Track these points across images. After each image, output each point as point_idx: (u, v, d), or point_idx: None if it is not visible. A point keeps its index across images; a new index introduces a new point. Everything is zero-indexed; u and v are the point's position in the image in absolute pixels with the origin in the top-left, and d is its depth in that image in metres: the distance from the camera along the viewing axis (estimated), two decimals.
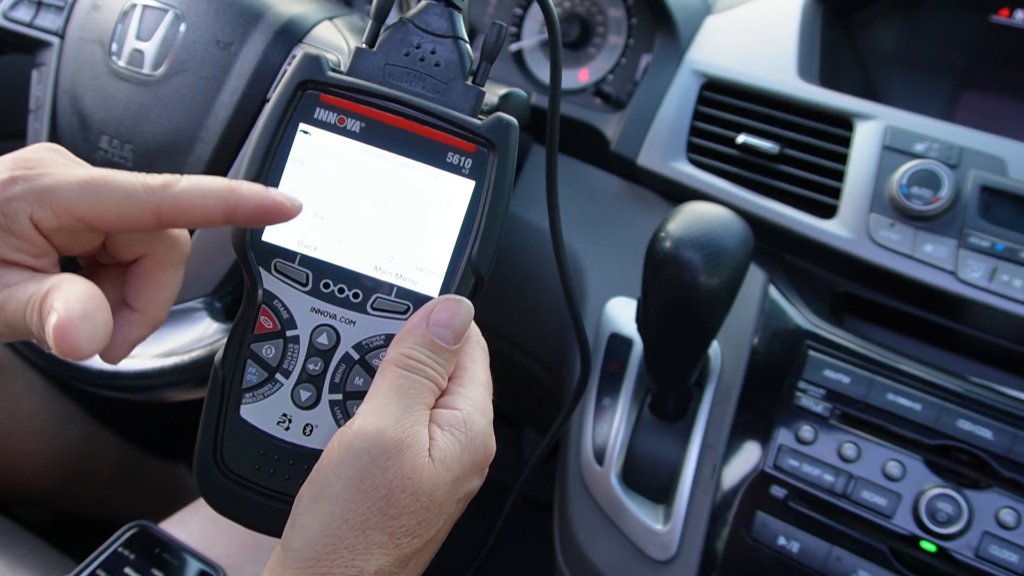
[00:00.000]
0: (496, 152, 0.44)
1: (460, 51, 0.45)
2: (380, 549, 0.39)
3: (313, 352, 0.44)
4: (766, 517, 0.70)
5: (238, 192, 0.40)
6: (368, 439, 0.39)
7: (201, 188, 0.40)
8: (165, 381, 0.68)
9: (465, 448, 0.42)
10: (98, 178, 0.39)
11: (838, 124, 0.79)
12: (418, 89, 0.45)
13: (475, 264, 0.44)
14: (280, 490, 0.44)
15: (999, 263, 0.70)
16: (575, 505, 0.81)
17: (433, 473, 0.40)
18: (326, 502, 0.39)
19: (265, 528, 0.44)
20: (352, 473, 0.39)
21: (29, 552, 0.83)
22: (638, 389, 0.80)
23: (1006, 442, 0.66)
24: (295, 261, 0.44)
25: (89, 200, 0.39)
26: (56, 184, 0.38)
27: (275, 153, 0.43)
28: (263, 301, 0.44)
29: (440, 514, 0.41)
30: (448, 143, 0.44)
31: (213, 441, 0.44)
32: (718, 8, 0.93)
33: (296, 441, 0.44)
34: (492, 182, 0.44)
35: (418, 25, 0.45)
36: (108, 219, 0.39)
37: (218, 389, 0.44)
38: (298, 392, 0.44)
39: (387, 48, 0.45)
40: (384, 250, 0.44)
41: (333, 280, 0.44)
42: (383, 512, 0.39)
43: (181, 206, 0.39)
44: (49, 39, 0.78)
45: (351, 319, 0.44)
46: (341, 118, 0.44)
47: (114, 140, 0.72)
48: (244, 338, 0.44)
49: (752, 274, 0.79)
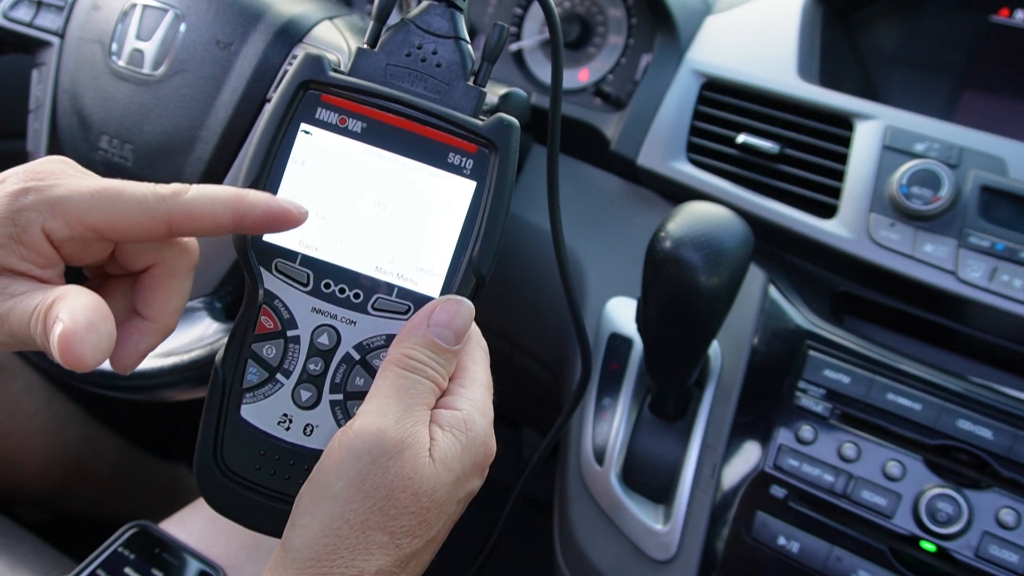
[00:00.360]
0: (497, 153, 0.44)
1: (461, 52, 0.45)
2: (381, 549, 0.39)
3: (314, 352, 0.44)
4: (766, 517, 0.70)
5: (246, 200, 0.40)
6: (369, 439, 0.39)
7: (210, 196, 0.40)
8: (165, 381, 0.68)
9: (466, 448, 0.42)
10: (110, 188, 0.39)
11: (838, 124, 0.79)
12: (419, 90, 0.45)
13: (476, 265, 0.44)
14: (280, 490, 0.44)
15: (999, 263, 0.70)
16: (575, 505, 0.81)
17: (434, 473, 0.40)
18: (326, 502, 0.39)
19: (265, 528, 0.44)
20: (353, 473, 0.39)
21: (29, 552, 0.84)
22: (638, 389, 0.80)
23: (1006, 442, 0.66)
24: (296, 261, 0.44)
25: (101, 210, 0.39)
26: (69, 194, 0.39)
27: (276, 153, 0.43)
28: (264, 301, 0.44)
29: (440, 514, 0.41)
30: (449, 144, 0.44)
31: (213, 441, 0.44)
32: (718, 8, 0.93)
33: (297, 441, 0.44)
34: (493, 183, 0.44)
35: (419, 26, 0.45)
36: (120, 228, 0.39)
37: (218, 389, 0.44)
38: (299, 392, 0.44)
39: (388, 49, 0.45)
40: (385, 250, 0.44)
41: (334, 280, 0.44)
42: (384, 512, 0.39)
43: (191, 214, 0.40)
44: (49, 39, 0.78)
45: (352, 319, 0.44)
46: (343, 118, 0.44)
47: (114, 140, 0.72)
48: (245, 338, 0.44)
49: (752, 274, 0.79)
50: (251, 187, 0.43)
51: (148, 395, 0.70)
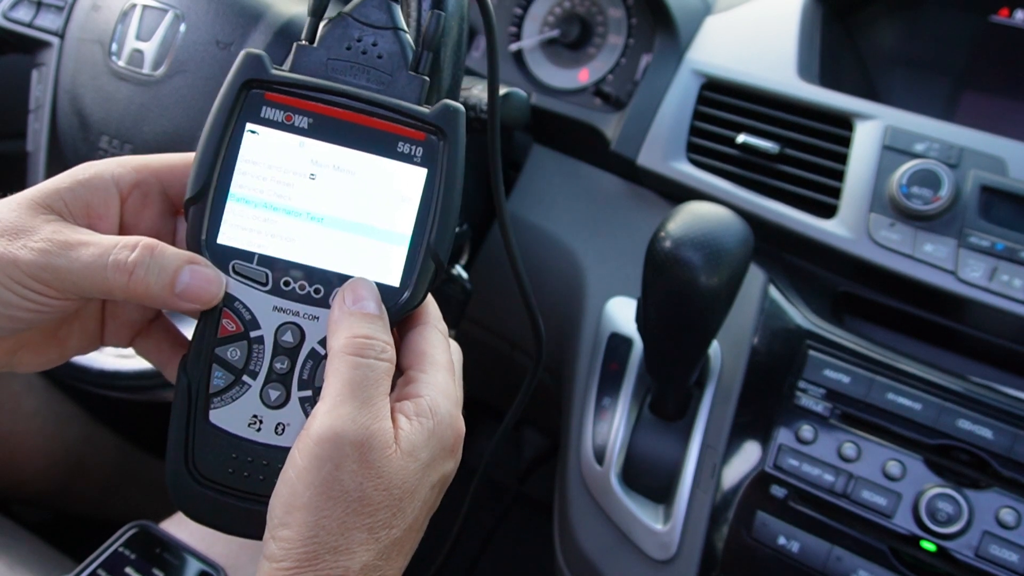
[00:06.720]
0: (446, 138, 0.44)
1: (401, 42, 0.45)
2: (362, 546, 0.39)
3: (279, 351, 0.43)
4: (766, 517, 0.70)
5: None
6: (329, 446, 0.39)
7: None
8: (165, 381, 0.68)
9: (432, 434, 0.42)
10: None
11: (838, 124, 0.79)
12: (362, 82, 0.44)
13: (434, 250, 0.44)
14: (256, 491, 0.43)
15: (999, 263, 0.70)
16: (575, 505, 0.81)
17: (403, 464, 0.40)
18: (298, 512, 0.39)
19: (244, 532, 0.44)
20: (319, 482, 0.39)
21: (29, 552, 0.83)
22: (638, 389, 0.80)
23: (1006, 442, 0.66)
24: (253, 261, 0.43)
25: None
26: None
27: (225, 155, 0.43)
28: (224, 304, 0.43)
29: (414, 500, 0.41)
30: (397, 133, 0.44)
31: (184, 449, 0.44)
32: (718, 8, 0.93)
33: (268, 441, 0.44)
34: (444, 168, 0.44)
35: (357, 18, 0.45)
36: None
37: (184, 397, 0.44)
38: (267, 392, 0.44)
39: (328, 43, 0.45)
40: (341, 243, 0.44)
41: (293, 277, 0.44)
42: (358, 512, 0.39)
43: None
44: (49, 39, 0.78)
45: (314, 315, 0.44)
46: (288, 115, 0.43)
47: (114, 140, 0.72)
48: (208, 343, 0.44)
49: (752, 274, 0.79)
50: (200, 191, 0.43)
51: (148, 395, 0.70)
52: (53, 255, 0.40)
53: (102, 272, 0.40)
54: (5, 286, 0.40)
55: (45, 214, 0.42)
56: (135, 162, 0.44)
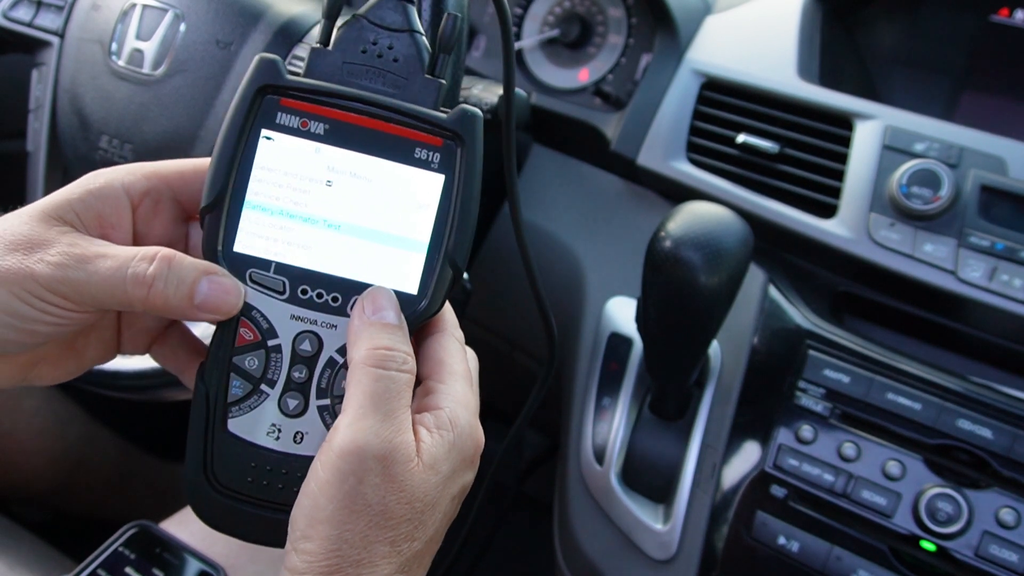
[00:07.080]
0: (464, 144, 0.43)
1: (417, 45, 0.44)
2: (384, 559, 0.39)
3: (297, 360, 0.43)
4: (766, 517, 0.70)
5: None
6: (352, 459, 0.39)
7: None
8: (165, 381, 0.68)
9: (453, 446, 0.42)
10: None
11: (838, 124, 0.79)
12: (378, 86, 0.44)
13: (451, 257, 0.43)
14: (275, 500, 0.43)
15: (999, 263, 0.70)
16: (575, 505, 0.81)
17: (424, 478, 0.40)
18: (321, 525, 0.39)
19: (264, 540, 0.44)
20: (342, 495, 0.39)
21: (29, 552, 0.84)
22: (638, 389, 0.80)
23: (1006, 442, 0.66)
24: (270, 270, 0.43)
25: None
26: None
27: (240, 162, 0.43)
28: (241, 312, 0.43)
29: (435, 513, 0.41)
30: (415, 139, 0.43)
31: (203, 458, 0.43)
32: (718, 8, 0.93)
33: (287, 450, 0.43)
34: (462, 174, 0.43)
35: (372, 21, 0.44)
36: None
37: (203, 405, 0.43)
38: (285, 401, 0.43)
39: (343, 46, 0.44)
40: (359, 251, 0.44)
41: (310, 285, 0.43)
42: (381, 525, 0.39)
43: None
44: (49, 39, 0.78)
45: (332, 323, 0.43)
46: (304, 121, 0.43)
47: (114, 140, 0.72)
48: (226, 351, 0.43)
49: (752, 274, 0.79)
50: (216, 199, 0.42)
51: (148, 395, 0.70)
52: (71, 268, 0.40)
53: (121, 285, 0.40)
54: (24, 300, 0.39)
55: (58, 226, 0.41)
56: (145, 169, 0.44)
